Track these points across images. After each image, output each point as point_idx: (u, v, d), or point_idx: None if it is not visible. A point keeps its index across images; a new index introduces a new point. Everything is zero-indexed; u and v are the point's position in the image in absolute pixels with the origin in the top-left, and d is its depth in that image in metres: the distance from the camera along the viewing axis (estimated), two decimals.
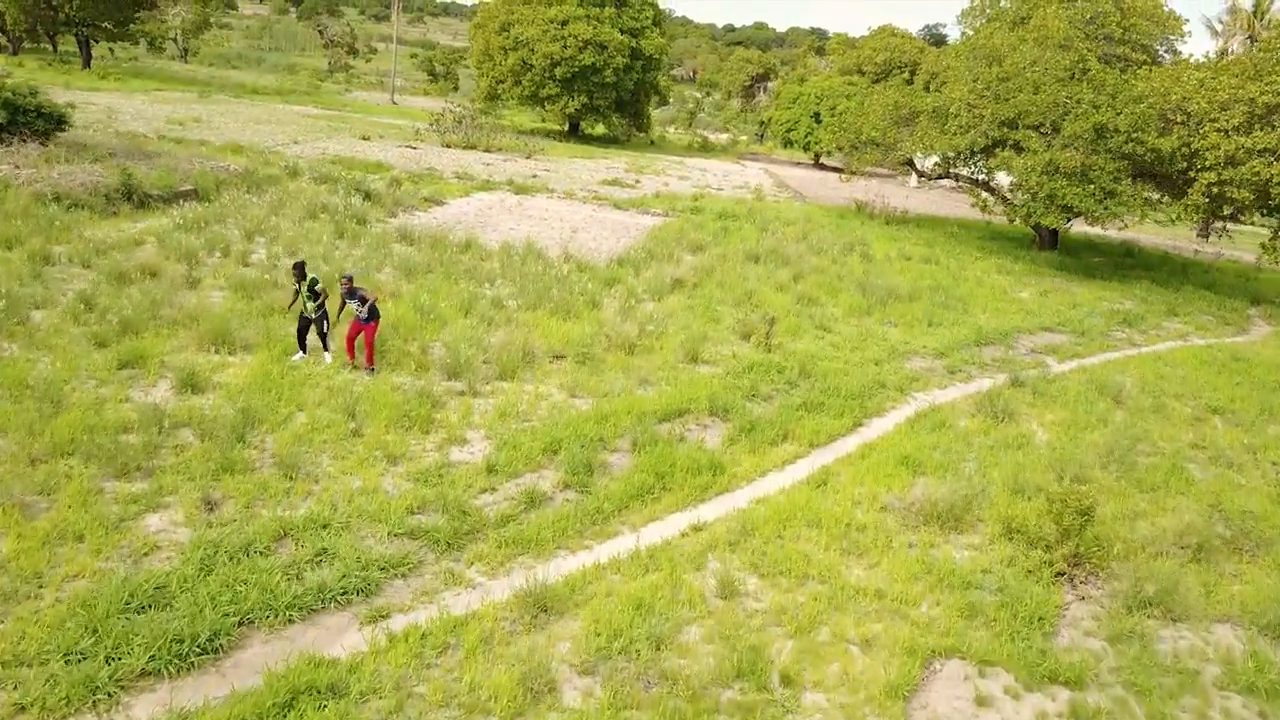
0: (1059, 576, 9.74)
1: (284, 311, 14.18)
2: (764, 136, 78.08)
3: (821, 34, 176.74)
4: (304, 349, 13.24)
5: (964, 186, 38.48)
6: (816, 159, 63.58)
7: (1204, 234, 46.54)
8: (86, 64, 58.73)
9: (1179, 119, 29.25)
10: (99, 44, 63.24)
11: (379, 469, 10.25)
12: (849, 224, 34.54)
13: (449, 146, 43.99)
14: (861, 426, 13.87)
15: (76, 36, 59.66)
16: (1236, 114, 27.96)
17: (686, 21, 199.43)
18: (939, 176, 38.31)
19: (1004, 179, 35.70)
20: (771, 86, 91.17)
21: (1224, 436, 15.88)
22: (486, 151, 44.10)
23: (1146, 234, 47.04)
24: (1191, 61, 33.12)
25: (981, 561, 9.89)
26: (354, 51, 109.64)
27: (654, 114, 69.11)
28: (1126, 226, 32.05)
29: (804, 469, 11.83)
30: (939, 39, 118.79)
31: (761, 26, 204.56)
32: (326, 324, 13.21)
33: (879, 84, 60.56)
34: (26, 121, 23.69)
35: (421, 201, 27.67)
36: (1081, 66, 30.44)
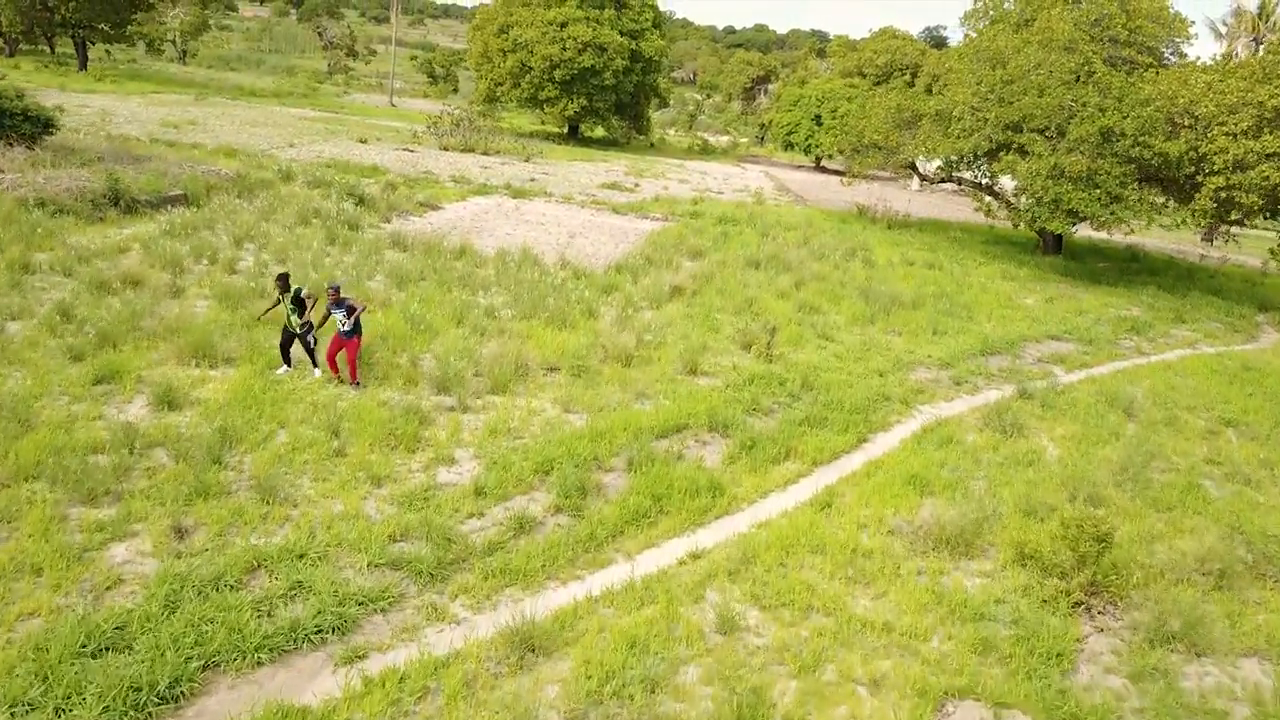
0: (1076, 607, 9.26)
1: (264, 321, 13.70)
2: (764, 139, 77.65)
3: (822, 36, 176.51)
4: (288, 363, 12.76)
5: (967, 190, 38.01)
6: (817, 162, 63.14)
7: (1208, 238, 46.01)
8: (83, 66, 58.39)
9: (1186, 123, 28.77)
10: (96, 46, 62.85)
11: (362, 491, 9.78)
12: (850, 228, 34.08)
13: (447, 149, 43.55)
14: (866, 442, 13.39)
15: (73, 38, 59.32)
16: (1245, 117, 27.50)
17: (687, 23, 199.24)
18: (941, 180, 37.83)
19: (1007, 183, 35.25)
20: (772, 89, 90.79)
21: (1239, 451, 15.39)
22: (484, 155, 43.65)
23: (1150, 238, 46.51)
24: (1199, 64, 32.65)
25: (994, 590, 9.41)
26: (353, 53, 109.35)
27: (654, 116, 68.71)
28: (1133, 231, 31.58)
29: (807, 489, 11.35)
30: (939, 41, 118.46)
31: (762, 28, 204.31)
32: (313, 337, 12.73)
33: (880, 86, 60.20)
34: (13, 125, 23.25)
35: (417, 206, 27.21)
36: (1087, 69, 29.97)
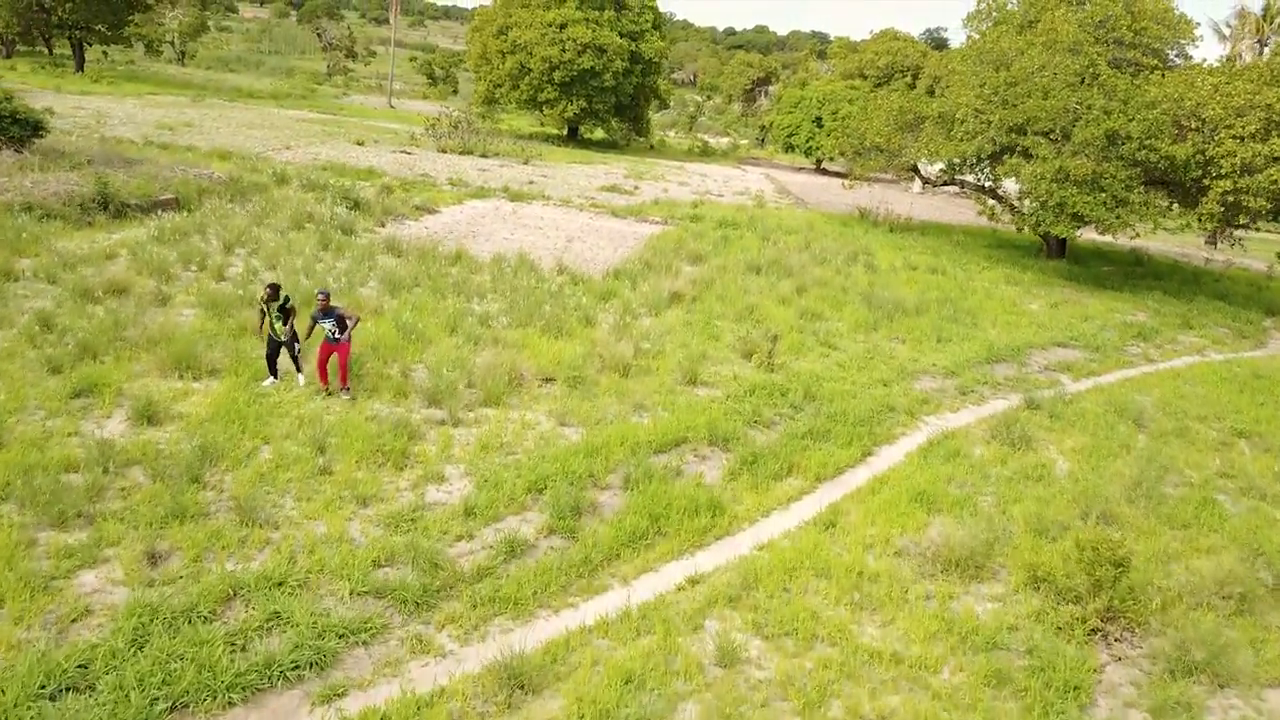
0: (1092, 634, 8.86)
1: (255, 333, 13.31)
2: (765, 141, 77.27)
3: (823, 38, 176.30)
4: (275, 374, 12.37)
5: (969, 193, 37.64)
6: (818, 164, 62.76)
7: (1211, 241, 45.66)
8: (80, 67, 58.04)
9: (1193, 125, 28.38)
10: (93, 47, 62.47)
11: (347, 512, 9.38)
12: (852, 232, 33.69)
13: (445, 152, 43.17)
14: (871, 456, 13.00)
15: (70, 40, 58.95)
16: (1253, 120, 27.12)
17: (687, 25, 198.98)
18: (944, 183, 37.45)
19: (1010, 186, 34.86)
20: (772, 90, 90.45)
21: (1253, 463, 14.99)
22: (483, 157, 43.27)
23: (1154, 241, 46.12)
24: (1205, 66, 32.26)
25: (1006, 616, 9.01)
26: (353, 55, 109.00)
27: (654, 118, 68.35)
28: (1138, 235, 31.19)
29: (811, 507, 10.95)
30: (940, 43, 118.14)
31: (762, 30, 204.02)
32: (298, 344, 12.35)
33: (881, 88, 59.83)
34: (1, 128, 22.86)
35: (413, 210, 26.82)
36: (1092, 71, 29.57)
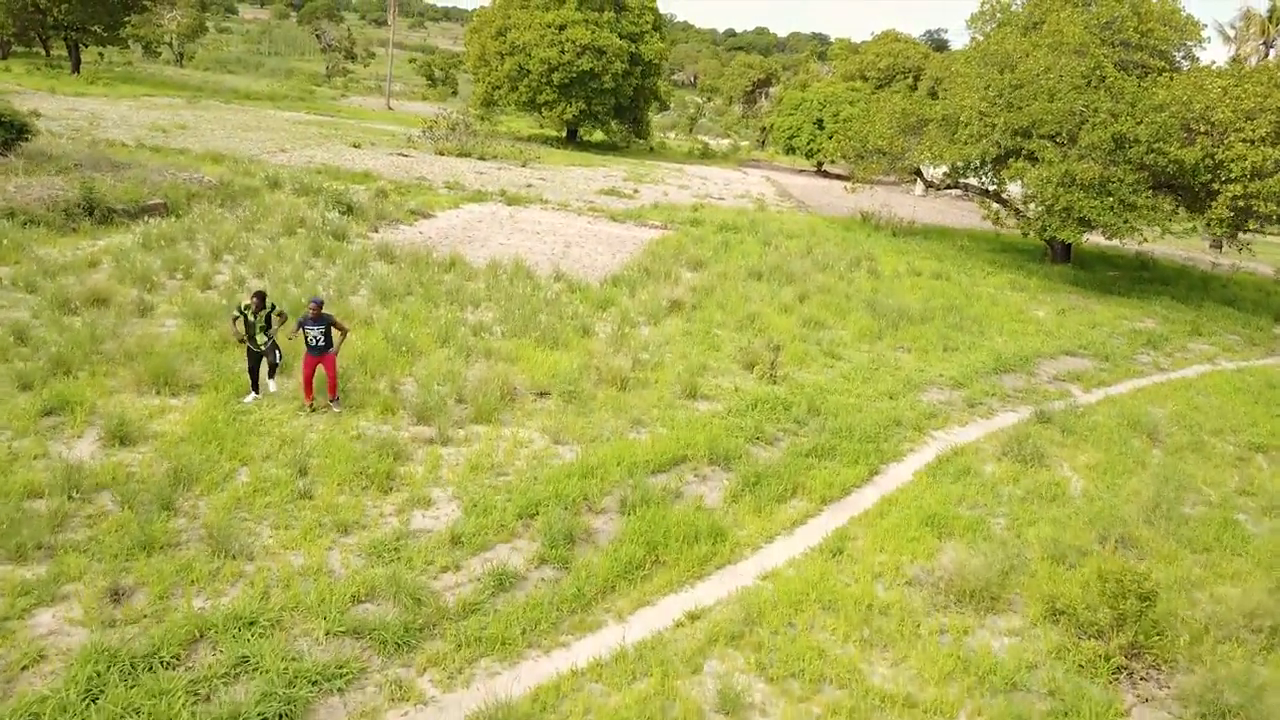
0: (1117, 672, 8.35)
1: (235, 338, 12.77)
2: (765, 143, 76.78)
3: (823, 39, 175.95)
4: (257, 389, 11.87)
5: (972, 196, 37.14)
6: (819, 166, 62.28)
7: (1217, 245, 45.22)
8: (76, 69, 57.62)
9: (1202, 129, 27.87)
10: (89, 48, 62.02)
11: (326, 541, 8.86)
12: (855, 236, 33.19)
13: (442, 154, 42.69)
14: (878, 475, 12.48)
15: (65, 41, 58.51)
16: (1263, 124, 26.61)
17: (687, 26, 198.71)
18: (948, 186, 36.96)
19: (1015, 189, 34.35)
20: (773, 92, 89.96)
21: (1272, 480, 14.48)
22: (481, 159, 42.79)
23: (1159, 245, 45.63)
24: (1213, 68, 31.75)
25: (1025, 653, 8.50)
26: (352, 56, 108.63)
27: (654, 119, 67.83)
28: (1146, 240, 30.70)
29: (816, 532, 10.44)
30: (940, 44, 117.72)
31: (763, 31, 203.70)
32: (279, 354, 11.85)
33: (882, 90, 59.34)
34: None
35: (408, 214, 26.33)
36: (1098, 74, 29.06)
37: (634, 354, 15.75)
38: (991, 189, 34.39)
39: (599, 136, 59.98)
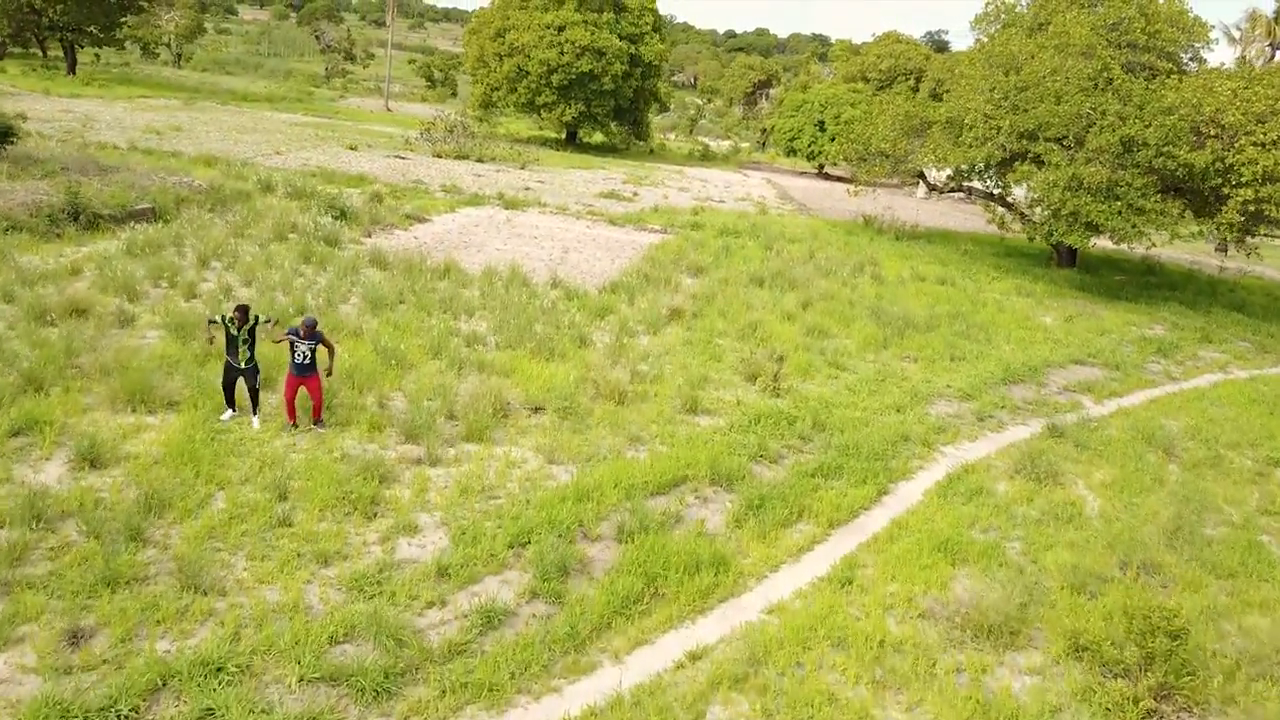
0: (1147, 716, 7.83)
1: (209, 342, 12.24)
2: (766, 144, 76.28)
3: (824, 40, 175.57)
4: (233, 406, 11.33)
5: (975, 199, 36.64)
6: (820, 169, 61.77)
7: (1222, 248, 44.70)
8: (72, 70, 57.17)
9: (1212, 132, 27.36)
10: (85, 49, 61.53)
11: (305, 574, 8.35)
12: (857, 240, 32.69)
13: (440, 156, 42.19)
14: (886, 495, 11.97)
15: (61, 42, 58.05)
16: (1275, 127, 26.09)
17: (687, 27, 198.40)
18: (951, 189, 36.46)
19: (1020, 193, 33.84)
20: (774, 93, 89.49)
21: None
22: (479, 162, 42.30)
23: (1164, 249, 45.16)
24: (1224, 70, 31.25)
25: (1048, 695, 7.98)
26: (351, 57, 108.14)
27: (654, 120, 67.31)
28: (1154, 245, 30.21)
29: (824, 559, 9.92)
30: (941, 45, 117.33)
31: (763, 33, 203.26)
32: (259, 378, 11.29)
33: (884, 91, 58.81)
34: None
35: (402, 219, 25.82)
36: (1105, 76, 28.56)
37: (632, 365, 15.25)
38: (996, 192, 33.87)
39: (598, 138, 59.48)
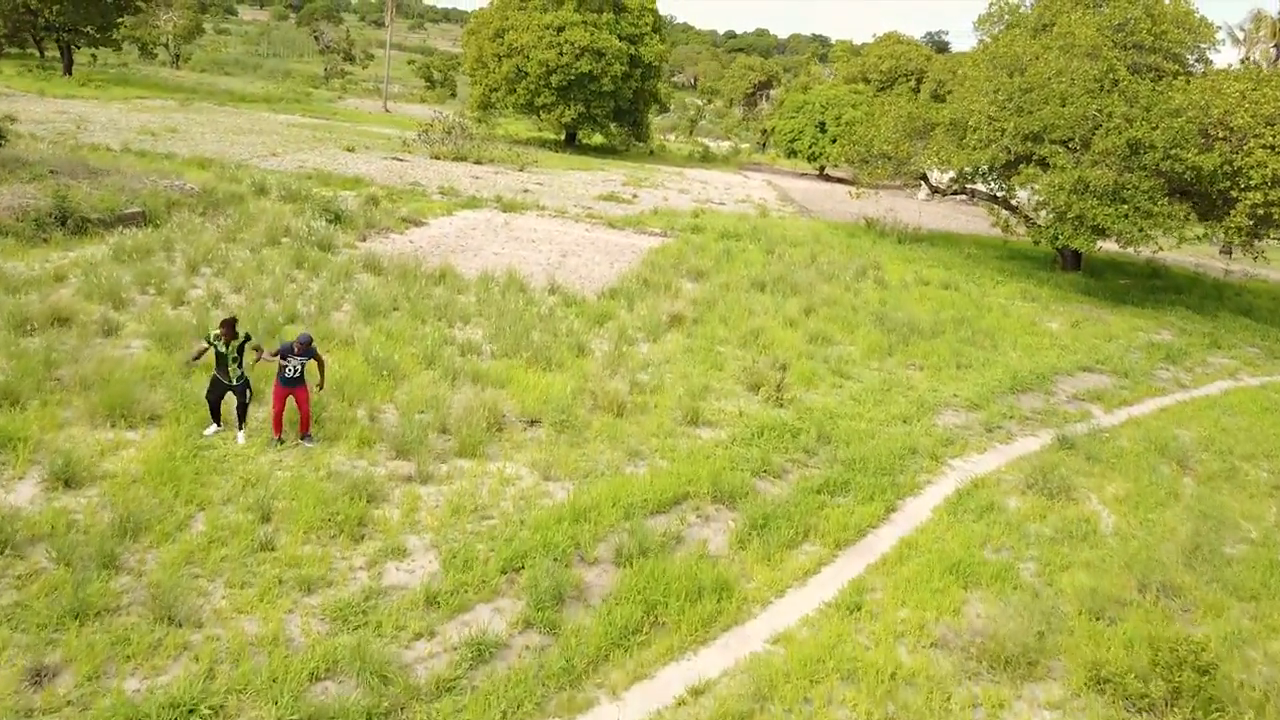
0: None
1: (192, 369, 11.80)
2: (766, 145, 75.89)
3: (824, 41, 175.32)
4: (218, 420, 10.93)
5: (978, 200, 36.23)
6: (821, 170, 61.37)
7: (1226, 251, 44.32)
8: (68, 70, 56.79)
9: (1221, 134, 26.96)
10: (81, 50, 61.10)
11: (287, 602, 7.93)
12: (859, 243, 32.27)
13: (438, 158, 41.77)
14: (894, 512, 11.56)
15: (57, 42, 57.66)
16: None
17: (687, 28, 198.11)
18: (955, 192, 36.05)
19: (1023, 195, 33.44)
20: (774, 94, 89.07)
21: None
22: (477, 164, 41.88)
23: (1168, 251, 44.76)
24: (1231, 72, 30.85)
25: None
26: (351, 58, 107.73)
27: (654, 121, 66.90)
28: (1161, 249, 29.81)
29: (831, 583, 9.51)
30: (941, 46, 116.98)
31: (763, 33, 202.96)
32: (249, 394, 10.88)
33: (885, 92, 58.40)
34: None
35: (398, 222, 25.41)
36: (1111, 77, 28.16)
37: (632, 375, 14.85)
38: (1000, 195, 33.47)
39: (598, 140, 59.07)
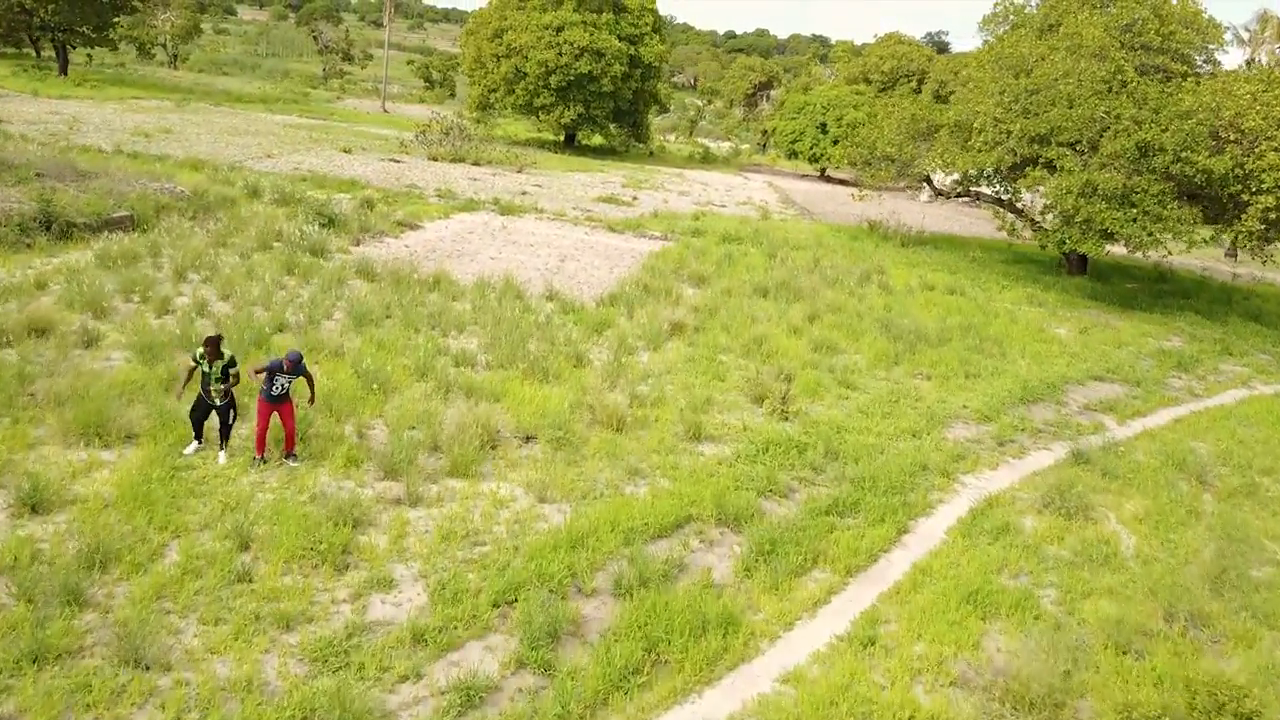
0: None
1: (177, 394, 11.23)
2: (767, 146, 75.38)
3: (824, 41, 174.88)
4: (200, 438, 10.43)
5: (982, 203, 35.73)
6: (823, 172, 60.89)
7: (1232, 254, 43.87)
8: (63, 70, 56.33)
9: (1231, 137, 26.47)
10: (77, 50, 60.60)
11: (264, 641, 7.43)
12: (863, 246, 31.79)
13: (435, 159, 41.28)
14: (906, 534, 11.07)
15: (53, 42, 57.19)
16: None
17: (687, 28, 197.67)
18: (959, 194, 35.55)
19: (1028, 198, 32.95)
20: (775, 95, 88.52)
21: None
22: (475, 165, 41.39)
23: (1176, 255, 44.28)
24: (1242, 73, 30.36)
25: None
26: (350, 58, 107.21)
27: (654, 122, 66.39)
28: (1170, 254, 29.32)
29: (843, 614, 9.01)
30: (942, 46, 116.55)
31: (763, 33, 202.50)
32: (233, 414, 10.37)
33: (886, 93, 57.91)
34: None
35: (394, 226, 24.92)
36: (1119, 79, 27.67)
37: (631, 387, 14.35)
38: (1006, 198, 32.99)
39: (597, 140, 58.57)
